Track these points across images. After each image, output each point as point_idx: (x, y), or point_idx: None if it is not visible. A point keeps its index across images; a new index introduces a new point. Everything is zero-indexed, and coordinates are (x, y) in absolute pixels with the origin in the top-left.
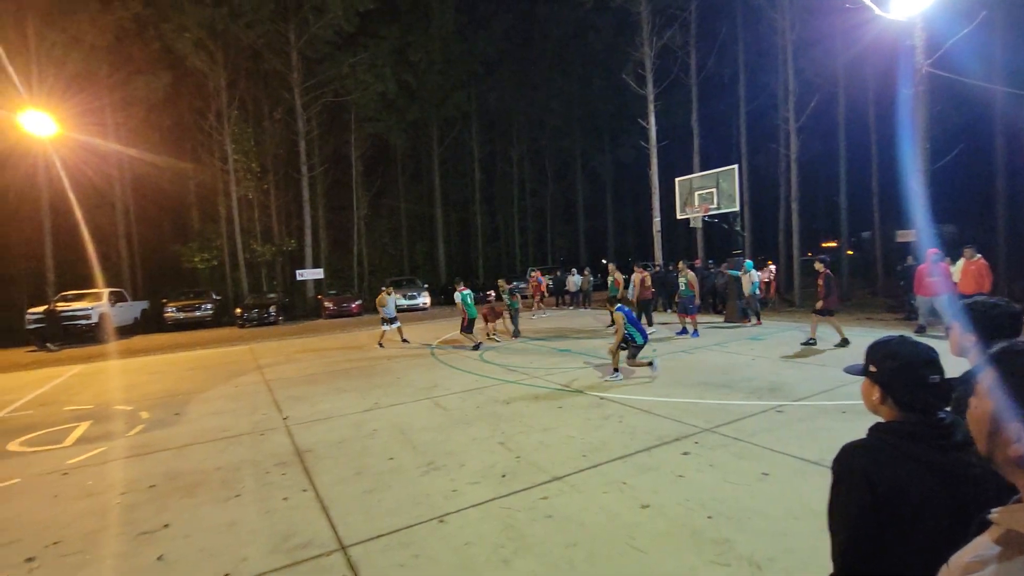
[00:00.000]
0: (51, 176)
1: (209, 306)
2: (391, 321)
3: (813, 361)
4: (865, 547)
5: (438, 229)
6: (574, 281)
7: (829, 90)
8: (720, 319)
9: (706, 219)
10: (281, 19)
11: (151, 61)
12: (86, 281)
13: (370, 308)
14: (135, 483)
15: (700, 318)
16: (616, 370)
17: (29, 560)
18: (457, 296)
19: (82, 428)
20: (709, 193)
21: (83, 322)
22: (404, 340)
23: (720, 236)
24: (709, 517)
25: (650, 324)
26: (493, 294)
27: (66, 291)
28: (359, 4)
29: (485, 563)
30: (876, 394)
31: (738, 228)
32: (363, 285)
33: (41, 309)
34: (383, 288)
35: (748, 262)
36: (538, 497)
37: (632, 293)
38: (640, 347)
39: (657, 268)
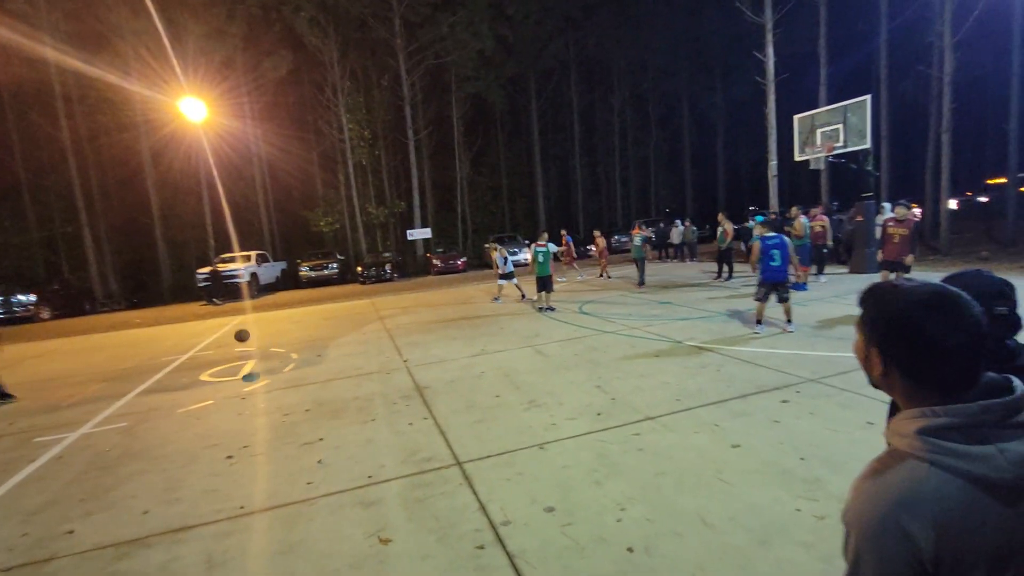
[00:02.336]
0: (203, 155)
1: (335, 265)
2: (507, 276)
3: None
4: None
5: (538, 185)
6: (677, 232)
7: None
8: (845, 269)
9: (830, 160)
10: None
11: (275, 43)
12: (236, 245)
13: (474, 265)
14: (294, 407)
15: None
16: (759, 322)
17: (229, 457)
18: (532, 251)
19: (250, 365)
20: (834, 130)
21: (239, 280)
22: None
23: (851, 178)
24: (802, 459)
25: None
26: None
27: (223, 254)
28: None
29: (580, 482)
30: None
31: (869, 167)
32: (467, 243)
33: (207, 270)
34: (490, 245)
35: (759, 216)
36: (631, 433)
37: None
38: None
39: (773, 215)
